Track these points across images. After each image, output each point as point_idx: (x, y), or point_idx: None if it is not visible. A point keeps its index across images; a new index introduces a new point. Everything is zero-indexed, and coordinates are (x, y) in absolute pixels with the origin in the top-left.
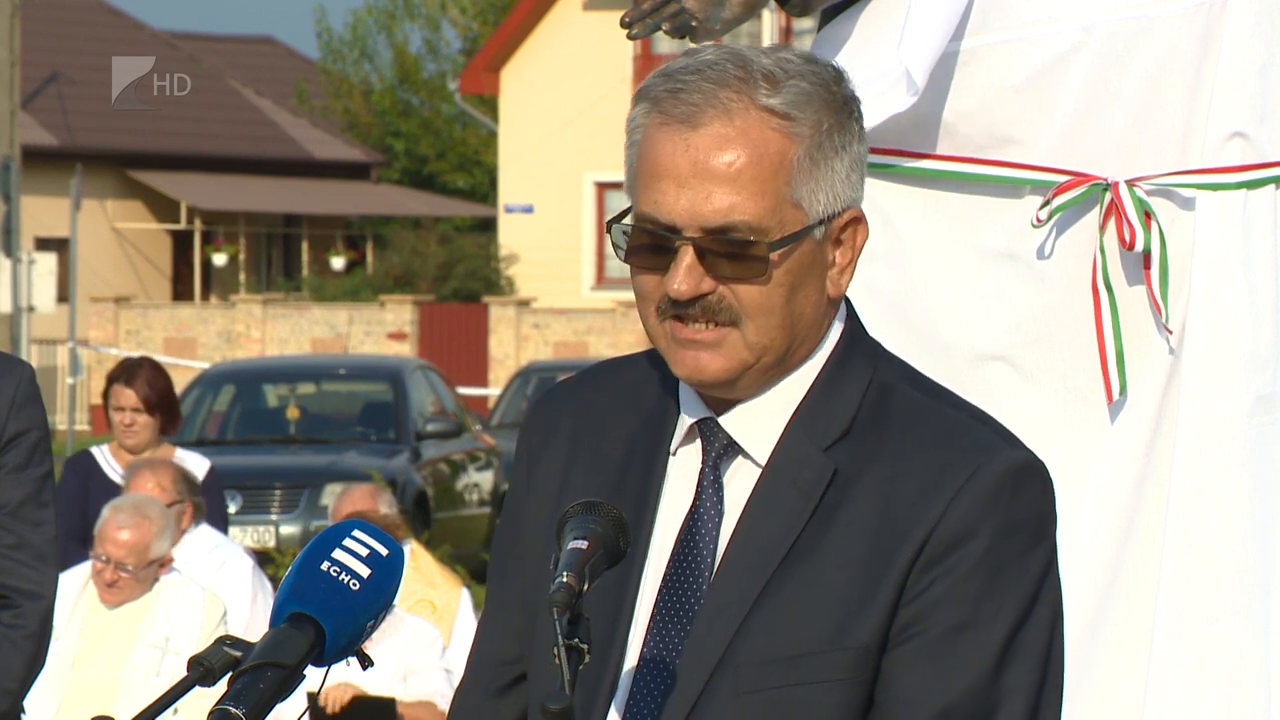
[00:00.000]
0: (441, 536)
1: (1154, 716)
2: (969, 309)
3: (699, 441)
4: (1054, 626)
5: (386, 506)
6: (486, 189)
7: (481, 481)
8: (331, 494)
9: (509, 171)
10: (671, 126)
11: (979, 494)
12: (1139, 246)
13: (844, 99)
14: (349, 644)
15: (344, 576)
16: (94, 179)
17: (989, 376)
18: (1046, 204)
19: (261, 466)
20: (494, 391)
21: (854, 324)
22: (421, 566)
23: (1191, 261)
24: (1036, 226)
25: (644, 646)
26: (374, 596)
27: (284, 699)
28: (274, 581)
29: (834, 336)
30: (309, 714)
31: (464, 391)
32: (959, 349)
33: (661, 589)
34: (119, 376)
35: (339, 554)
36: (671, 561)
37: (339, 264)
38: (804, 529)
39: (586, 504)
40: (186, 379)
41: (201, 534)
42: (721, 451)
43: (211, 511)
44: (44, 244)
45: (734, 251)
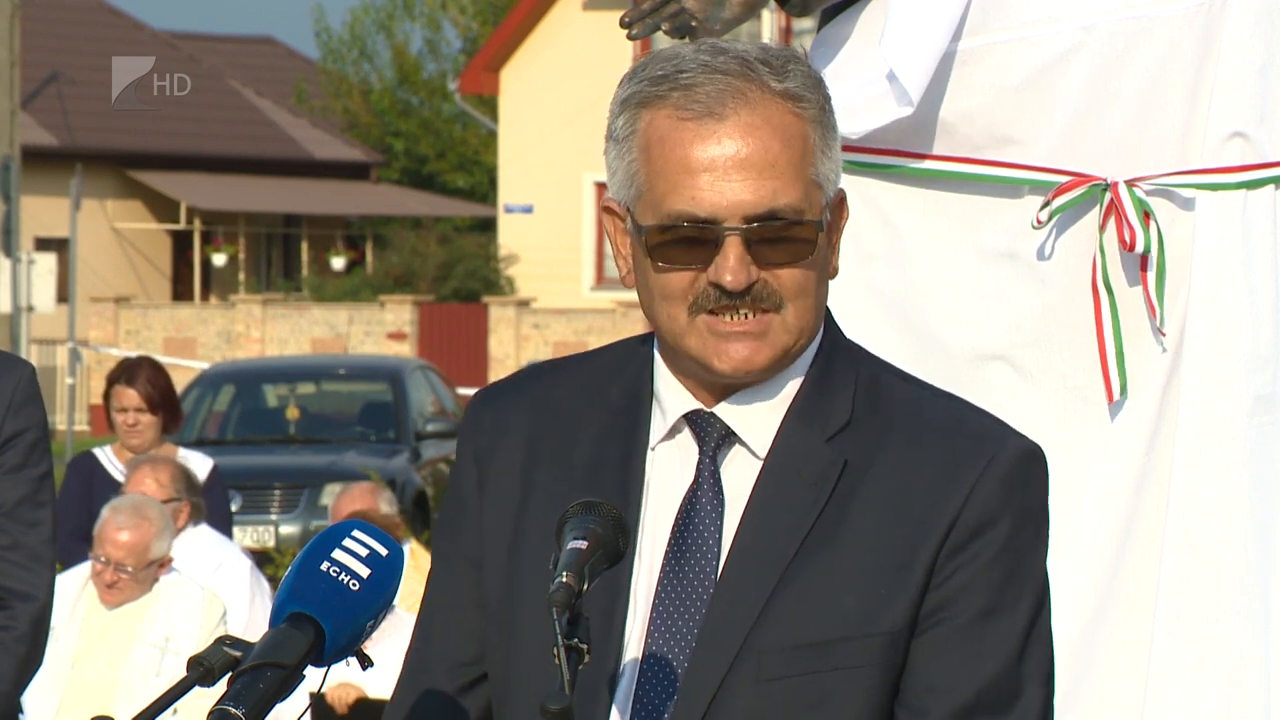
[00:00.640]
0: None
1: (1154, 716)
2: (969, 309)
3: (686, 435)
4: (1050, 612)
5: (386, 505)
6: (486, 189)
7: None
8: (331, 494)
9: (509, 171)
10: (695, 120)
11: (998, 481)
12: (1139, 247)
13: (820, 79)
14: (349, 644)
15: (344, 576)
16: (94, 179)
17: (989, 376)
18: (1046, 205)
19: (261, 466)
20: None
21: (831, 321)
22: (421, 566)
23: (1191, 261)
24: (1037, 228)
25: (647, 640)
26: (374, 596)
27: (284, 699)
28: (274, 581)
29: (819, 335)
30: (310, 714)
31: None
32: (959, 349)
33: (661, 582)
34: (120, 377)
35: (339, 554)
36: (669, 554)
37: (339, 264)
38: (818, 519)
39: (586, 504)
40: (186, 379)
41: (200, 534)
42: (719, 442)
43: (216, 510)
44: (44, 244)
45: (781, 236)
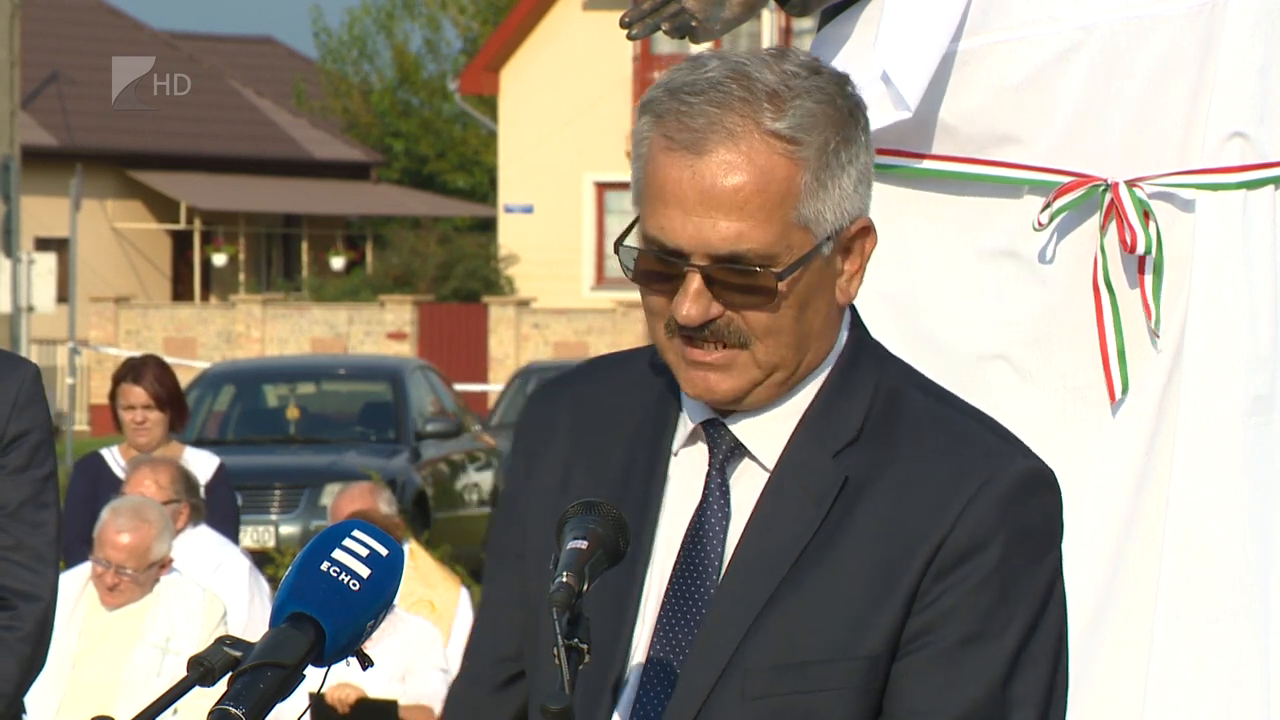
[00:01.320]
0: (441, 536)
1: (1154, 716)
2: (969, 309)
3: (703, 443)
4: (1061, 635)
5: (386, 505)
6: (486, 189)
7: (481, 481)
8: (331, 494)
9: (509, 171)
10: (676, 152)
11: (991, 503)
12: (1140, 248)
13: (849, 110)
14: (349, 644)
15: (344, 576)
16: (94, 179)
17: (989, 376)
18: (1048, 206)
19: (261, 466)
20: (494, 391)
21: (859, 329)
22: (420, 566)
23: (1191, 262)
24: (1038, 229)
25: (651, 648)
26: (374, 596)
27: (284, 699)
28: (274, 582)
29: (841, 342)
30: (310, 714)
31: (464, 391)
32: (959, 349)
33: (668, 591)
34: (126, 375)
35: (339, 554)
36: (678, 564)
37: (339, 264)
38: (814, 535)
39: (586, 504)
40: (186, 379)
41: (199, 535)
42: (728, 454)
43: (222, 509)
44: (44, 244)
45: (741, 281)
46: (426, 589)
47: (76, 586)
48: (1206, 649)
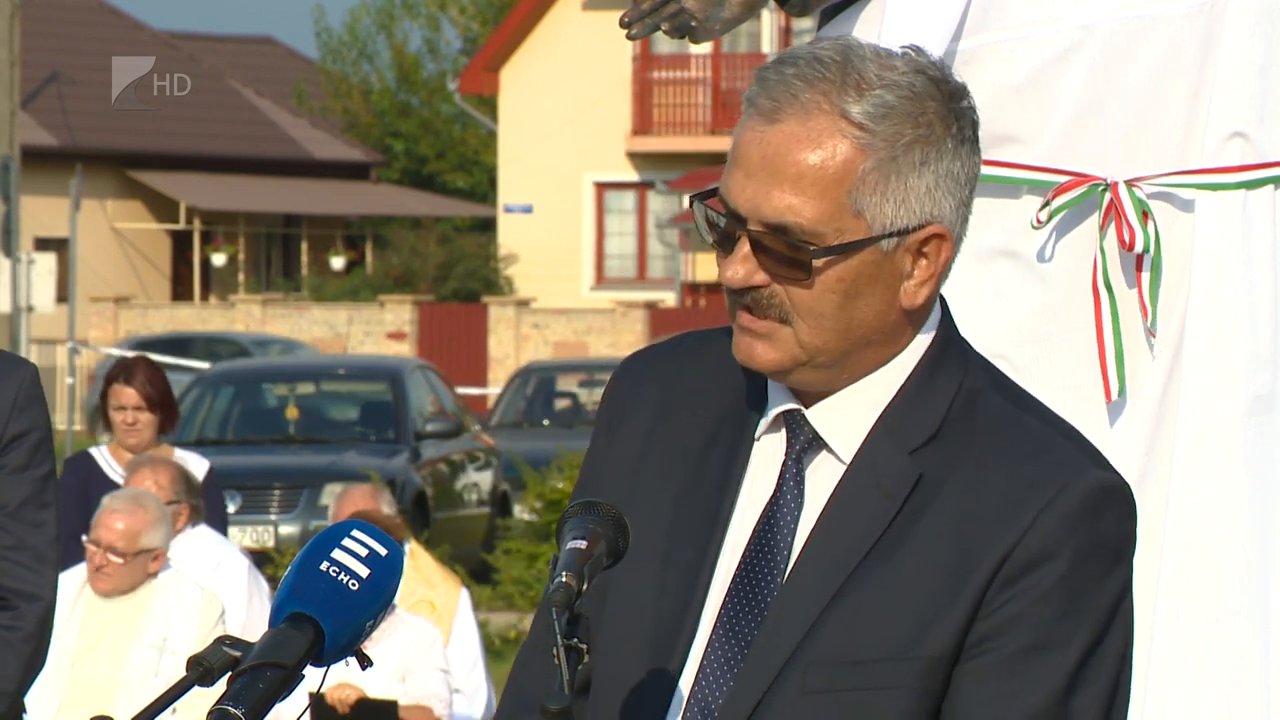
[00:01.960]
0: (441, 536)
1: (1154, 716)
2: (969, 309)
3: (784, 431)
4: (1125, 652)
5: (387, 506)
6: (486, 189)
7: (481, 481)
8: (331, 494)
9: (508, 171)
10: (754, 118)
11: (1063, 514)
12: (1139, 248)
13: (942, 114)
14: (348, 644)
15: (343, 576)
16: (94, 179)
17: None
18: (1046, 204)
19: (261, 466)
20: (493, 391)
21: (948, 329)
22: (420, 566)
23: (1191, 262)
24: (1037, 227)
25: (713, 635)
26: (373, 596)
27: (283, 699)
28: (273, 582)
29: (922, 343)
30: (309, 714)
31: (463, 391)
32: None
33: (735, 578)
34: (117, 376)
35: (338, 554)
36: (748, 551)
37: (338, 264)
38: (885, 533)
39: (586, 504)
40: (186, 379)
41: (198, 535)
42: (805, 445)
43: (211, 511)
44: (44, 244)
45: (784, 251)
46: (427, 589)
47: (75, 585)
48: (1206, 649)
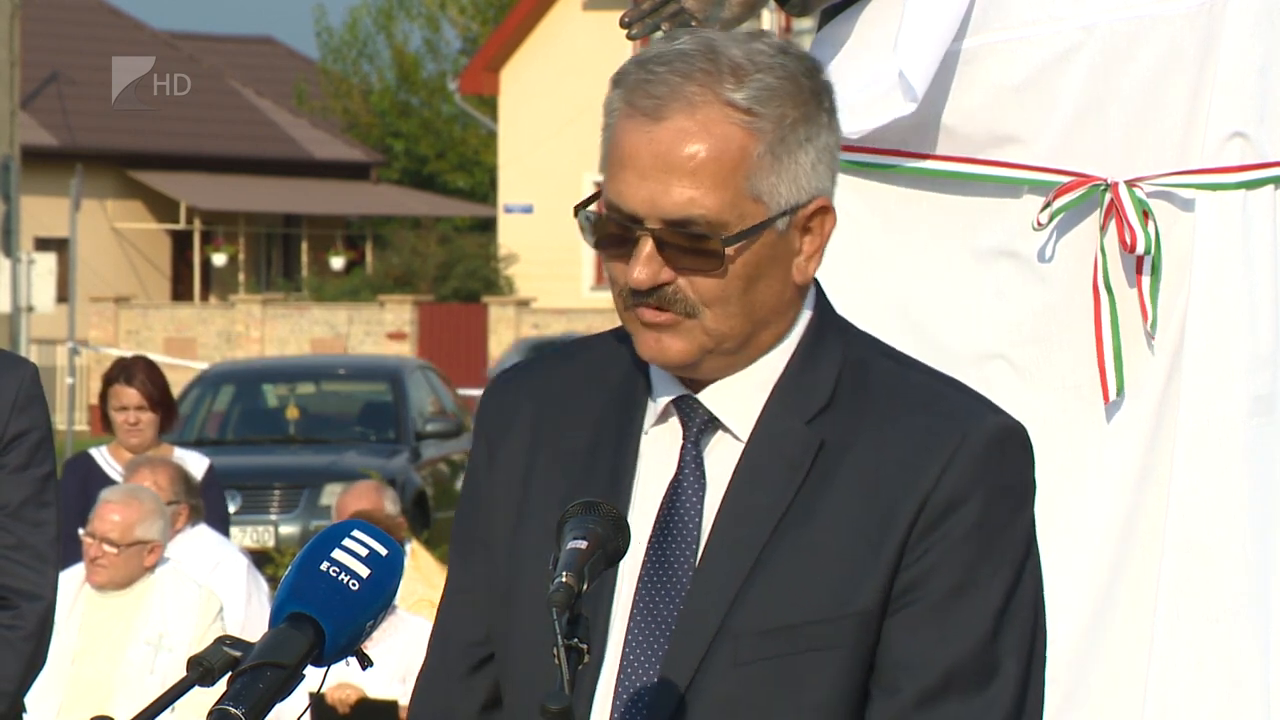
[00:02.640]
0: (441, 536)
1: (1154, 716)
2: (969, 309)
3: (675, 420)
4: (1039, 589)
5: (390, 504)
6: (486, 189)
7: None
8: (331, 494)
9: (509, 171)
10: (636, 119)
11: (970, 459)
12: (1139, 248)
13: (813, 90)
14: (348, 644)
15: (343, 576)
16: (94, 179)
17: (989, 376)
18: (1047, 205)
19: (261, 466)
20: None
21: (823, 304)
22: (422, 566)
23: (1191, 262)
24: (1038, 229)
25: (630, 624)
26: (373, 596)
27: (284, 699)
28: (273, 581)
29: (805, 318)
30: (310, 714)
31: (463, 391)
32: (959, 349)
33: (645, 565)
34: (118, 376)
35: (338, 554)
36: (653, 539)
37: (339, 264)
38: (794, 500)
39: (586, 504)
40: (186, 379)
41: (197, 534)
42: (702, 427)
43: (212, 509)
44: (44, 244)
45: (691, 245)
46: (428, 589)
47: (74, 584)
48: (1206, 649)
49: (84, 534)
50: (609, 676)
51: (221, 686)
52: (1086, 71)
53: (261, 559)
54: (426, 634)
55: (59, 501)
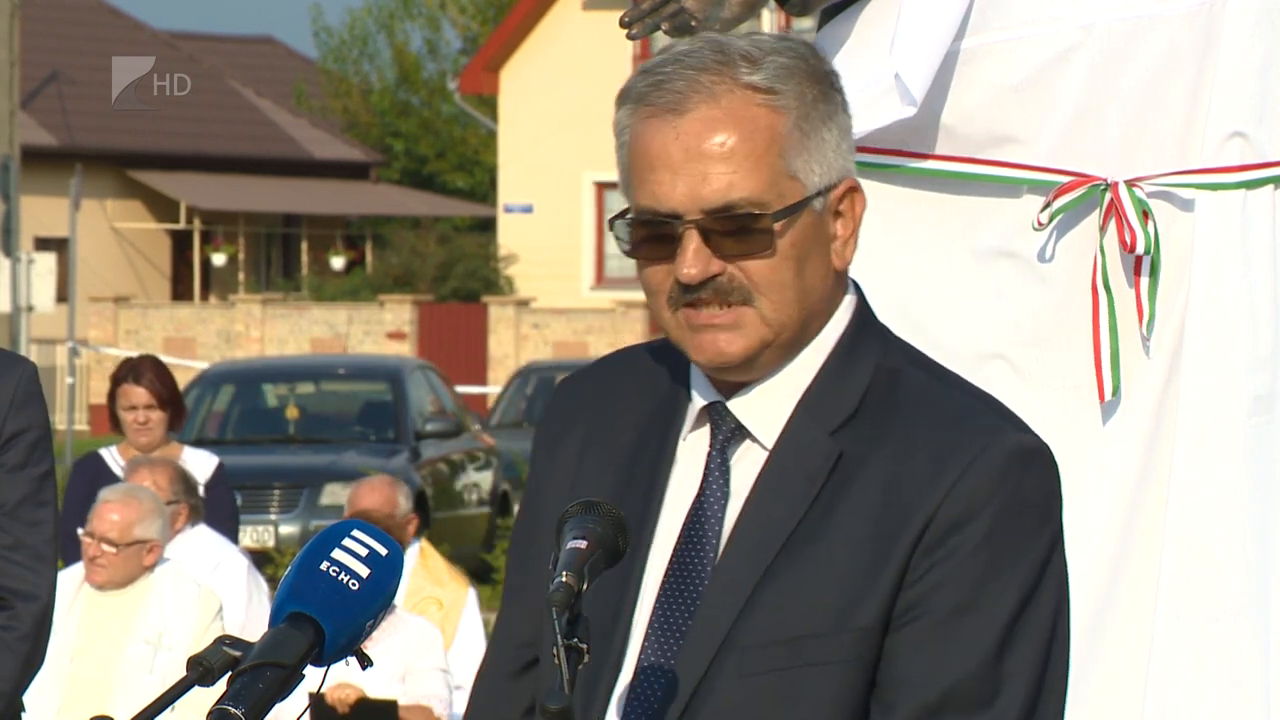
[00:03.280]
0: (441, 536)
1: (1154, 716)
2: (969, 309)
3: (708, 426)
4: (1058, 610)
5: (404, 499)
6: (486, 189)
7: (481, 481)
8: (331, 494)
9: (509, 171)
10: (659, 117)
11: (983, 476)
12: (1139, 248)
13: (823, 71)
14: (348, 644)
15: (343, 576)
16: (94, 179)
17: (989, 376)
18: (1047, 206)
19: (261, 466)
20: (494, 391)
21: (863, 305)
22: (430, 564)
23: (1190, 262)
24: (1038, 229)
25: (649, 629)
26: (373, 596)
27: (283, 699)
28: (273, 582)
29: (844, 314)
30: (310, 714)
31: (463, 391)
32: (959, 349)
33: (668, 572)
34: (126, 375)
35: (338, 554)
36: (678, 545)
37: (338, 264)
38: (808, 512)
39: (586, 504)
40: (186, 379)
41: (198, 535)
42: (729, 435)
43: (222, 508)
44: (44, 244)
45: (738, 228)
46: (435, 586)
47: (74, 583)
48: (1206, 649)
49: (83, 533)
50: (625, 680)
51: (221, 686)
52: (1086, 71)
53: (261, 559)
54: (426, 634)
55: (55, 501)
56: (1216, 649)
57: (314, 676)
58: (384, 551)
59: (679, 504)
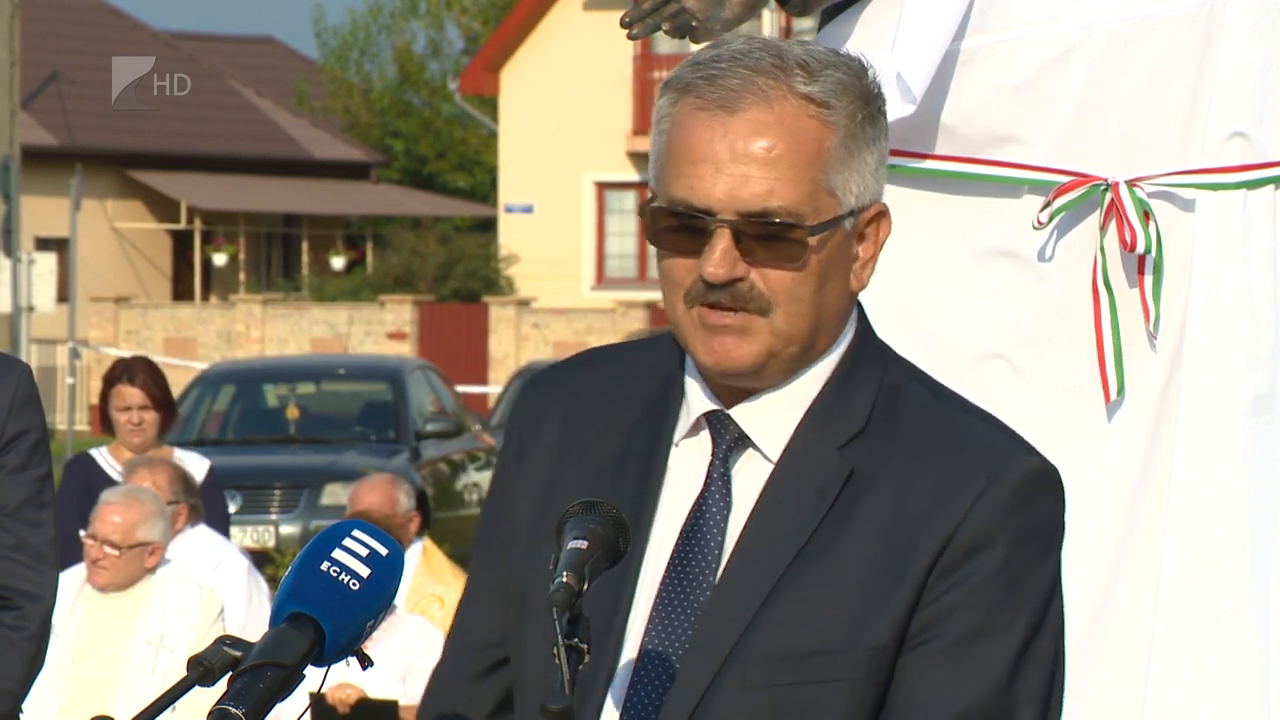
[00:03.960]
0: (441, 536)
1: (1154, 716)
2: (969, 309)
3: (706, 434)
4: (1060, 636)
5: (405, 498)
6: (486, 189)
7: (481, 481)
8: (331, 494)
9: (509, 171)
10: (709, 111)
11: (998, 501)
12: (1139, 247)
13: (873, 93)
14: (349, 644)
15: (344, 576)
16: (94, 179)
17: (989, 376)
18: (1047, 205)
19: (261, 466)
20: (494, 391)
21: (865, 323)
22: (433, 563)
23: (1191, 261)
24: (1038, 228)
25: (645, 638)
26: (374, 596)
27: (284, 699)
28: (273, 582)
29: (849, 333)
30: (310, 714)
31: (464, 391)
32: (959, 348)
33: (664, 581)
34: (119, 376)
35: (339, 554)
36: (675, 554)
37: (339, 264)
38: (818, 527)
39: (586, 504)
40: (186, 379)
41: (198, 535)
42: (732, 445)
43: (212, 511)
44: (44, 244)
45: (772, 235)
46: (438, 585)
47: (75, 584)
48: (1206, 649)
49: (85, 536)
50: (620, 690)
51: (222, 686)
52: (1086, 71)
53: (261, 559)
54: (426, 634)
55: (55, 502)
56: (1216, 649)
57: (314, 676)
58: (384, 551)
59: (673, 512)
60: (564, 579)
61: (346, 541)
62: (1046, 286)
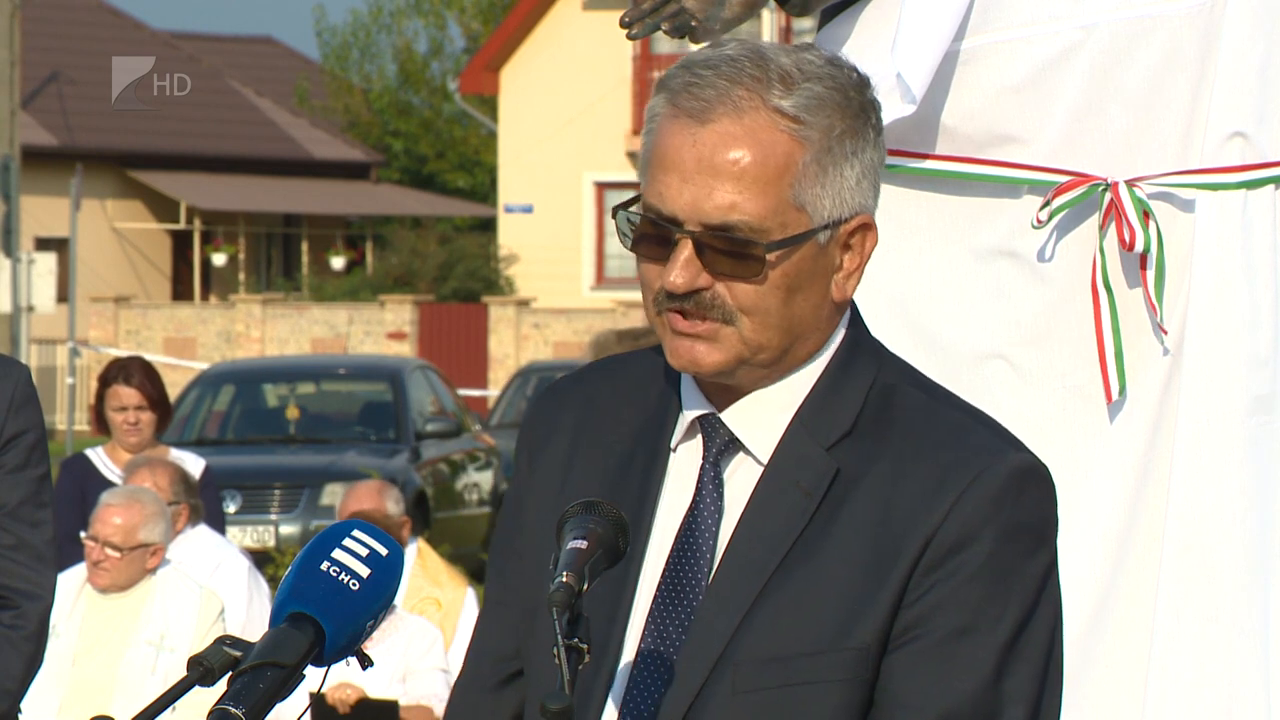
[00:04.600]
0: (441, 536)
1: (1154, 716)
2: (969, 308)
3: (700, 438)
4: (1054, 632)
5: (393, 504)
6: (486, 189)
7: (481, 481)
8: (331, 494)
9: (509, 171)
10: (681, 120)
11: (982, 497)
12: (1139, 247)
13: (861, 105)
14: (349, 644)
15: (344, 576)
16: (94, 179)
17: (988, 376)
18: (1047, 204)
19: (261, 466)
20: (494, 391)
21: (858, 326)
22: (428, 564)
23: (1191, 261)
24: (1037, 227)
25: (642, 642)
26: (374, 596)
27: (284, 699)
28: (273, 582)
29: (838, 338)
30: (310, 714)
31: (464, 391)
32: (959, 348)
33: (660, 585)
34: (116, 377)
35: (339, 554)
36: (671, 558)
37: (339, 264)
38: (806, 528)
39: (586, 504)
40: (186, 379)
41: (198, 535)
42: (722, 448)
43: (208, 511)
44: (44, 244)
45: (731, 249)
46: (434, 587)
47: (75, 584)
48: (1206, 649)
49: (85, 537)
50: (619, 691)
51: (222, 686)
52: (1086, 71)
53: (261, 559)
54: (426, 634)
55: (54, 502)
56: (1216, 649)
57: (314, 676)
58: (384, 551)
59: (671, 516)
60: (563, 579)
61: (346, 541)
62: (1046, 286)
